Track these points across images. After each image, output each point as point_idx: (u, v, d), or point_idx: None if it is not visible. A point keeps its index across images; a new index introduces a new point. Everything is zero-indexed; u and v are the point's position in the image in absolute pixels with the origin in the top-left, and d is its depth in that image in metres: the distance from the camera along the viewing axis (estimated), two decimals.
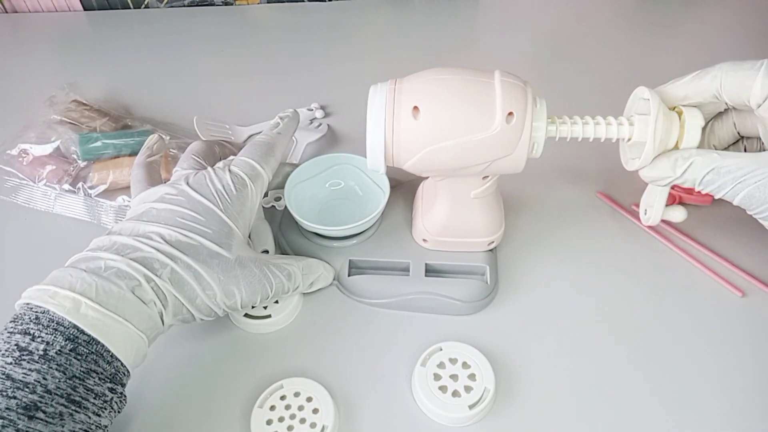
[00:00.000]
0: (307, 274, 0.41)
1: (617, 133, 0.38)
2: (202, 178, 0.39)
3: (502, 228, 0.44)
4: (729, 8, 0.75)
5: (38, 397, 0.29)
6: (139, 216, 0.37)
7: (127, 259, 0.34)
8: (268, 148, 0.42)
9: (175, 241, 0.36)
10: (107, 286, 0.33)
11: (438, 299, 0.43)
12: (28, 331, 0.31)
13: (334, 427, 0.37)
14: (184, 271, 0.35)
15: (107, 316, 0.32)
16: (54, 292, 0.32)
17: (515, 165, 0.37)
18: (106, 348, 0.32)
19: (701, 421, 0.39)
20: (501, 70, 0.36)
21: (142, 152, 0.45)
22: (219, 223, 0.37)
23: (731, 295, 0.45)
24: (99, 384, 0.32)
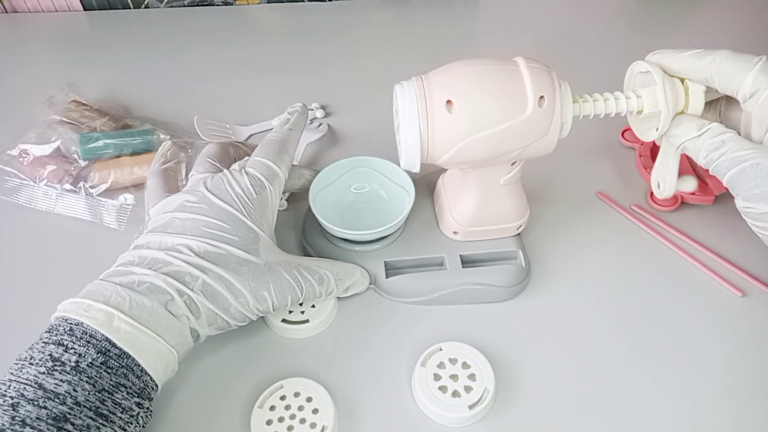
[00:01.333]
0: (342, 278, 0.41)
1: (636, 105, 0.39)
2: (220, 182, 0.38)
3: (528, 210, 0.45)
4: (729, 8, 0.75)
5: (68, 408, 0.29)
6: (163, 227, 0.37)
7: (159, 273, 0.34)
8: (281, 146, 0.41)
9: (204, 252, 0.35)
10: (140, 300, 0.33)
11: (478, 289, 0.43)
12: (61, 342, 0.31)
13: (334, 428, 0.37)
14: (216, 281, 0.35)
15: (139, 330, 0.32)
16: (88, 305, 0.32)
17: (547, 147, 0.38)
18: (136, 362, 0.32)
19: (701, 421, 0.39)
20: (524, 57, 0.37)
21: (156, 160, 0.45)
22: (245, 229, 0.37)
23: (731, 295, 0.45)
24: (127, 398, 0.32)
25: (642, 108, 0.39)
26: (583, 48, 0.69)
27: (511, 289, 0.44)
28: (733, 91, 0.37)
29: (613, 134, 0.57)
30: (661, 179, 0.44)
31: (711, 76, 0.38)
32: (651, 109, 0.39)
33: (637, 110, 0.40)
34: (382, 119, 0.34)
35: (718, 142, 0.37)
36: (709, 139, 0.38)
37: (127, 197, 0.51)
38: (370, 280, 0.43)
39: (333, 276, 0.40)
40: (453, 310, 0.44)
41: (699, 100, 0.39)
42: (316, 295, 0.39)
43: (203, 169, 0.41)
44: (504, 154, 0.37)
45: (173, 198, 0.39)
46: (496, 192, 0.42)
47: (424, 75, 0.38)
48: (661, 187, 0.45)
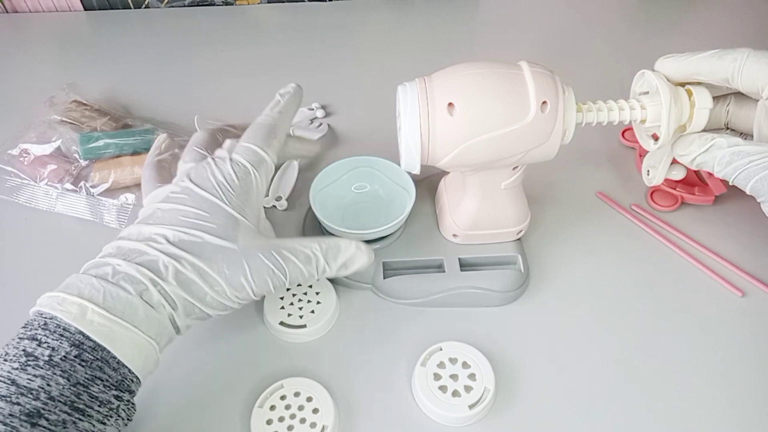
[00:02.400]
0: (333, 255, 0.37)
1: (640, 116, 0.39)
2: (203, 170, 0.38)
3: (529, 215, 0.45)
4: (729, 8, 0.75)
5: (41, 403, 0.29)
6: (146, 219, 0.37)
7: (133, 263, 0.33)
8: (270, 131, 0.40)
9: (178, 240, 0.35)
10: (115, 292, 0.32)
11: (476, 293, 0.43)
12: (35, 337, 0.31)
13: (334, 427, 0.37)
14: (189, 270, 0.34)
15: (113, 321, 0.32)
16: (62, 298, 0.32)
17: (548, 153, 0.38)
18: (111, 354, 0.32)
19: (701, 421, 0.39)
20: (527, 60, 0.37)
21: (151, 152, 0.45)
22: (224, 216, 0.36)
23: (731, 295, 0.45)
24: (104, 391, 0.31)
25: (645, 118, 0.39)
26: (583, 47, 0.69)
27: (508, 294, 0.44)
28: (758, 88, 0.37)
29: (614, 134, 0.58)
30: (651, 167, 0.44)
31: (732, 75, 0.38)
32: (653, 123, 0.39)
33: (641, 120, 0.40)
34: (382, 119, 0.34)
35: (728, 155, 0.37)
36: (720, 152, 0.38)
37: (127, 197, 0.51)
38: (371, 255, 0.39)
39: (321, 253, 0.37)
40: (453, 310, 0.44)
41: (702, 117, 0.39)
42: (305, 276, 0.37)
43: (189, 159, 0.41)
44: (505, 158, 0.37)
45: (162, 189, 0.38)
46: (497, 196, 0.42)
47: (427, 77, 0.38)
48: (651, 174, 0.45)
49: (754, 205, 0.39)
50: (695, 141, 0.39)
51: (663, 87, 0.38)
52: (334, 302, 0.43)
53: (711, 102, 0.39)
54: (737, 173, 0.37)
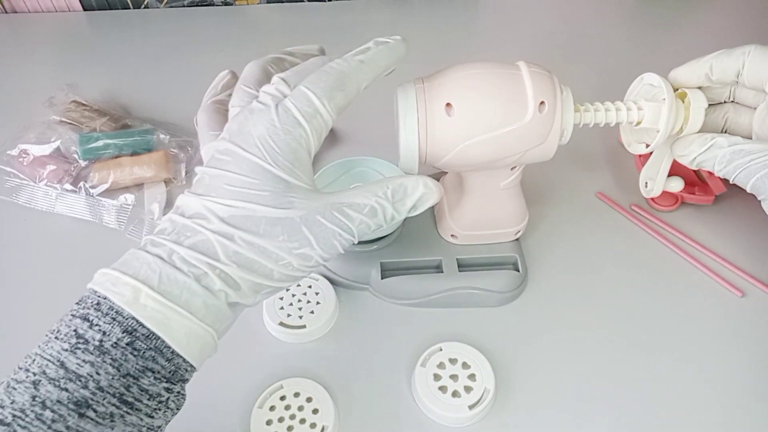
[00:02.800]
0: (400, 199, 0.33)
1: (637, 117, 0.39)
2: (243, 122, 0.32)
3: (527, 216, 0.45)
4: (729, 9, 0.75)
5: (90, 393, 0.27)
6: (197, 186, 0.32)
7: (184, 247, 0.30)
8: (338, 80, 0.32)
9: (229, 216, 0.30)
10: (172, 275, 0.29)
11: (474, 293, 0.43)
12: (87, 317, 0.28)
13: (333, 428, 0.37)
14: (247, 249, 0.30)
15: (169, 308, 0.29)
16: (116, 277, 0.29)
17: (546, 153, 0.38)
18: (166, 344, 0.29)
19: (701, 421, 0.39)
20: (526, 61, 0.37)
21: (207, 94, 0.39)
22: (272, 180, 0.31)
23: (731, 295, 0.45)
24: (154, 384, 0.29)
25: (641, 119, 0.39)
26: (582, 48, 0.69)
27: (506, 295, 0.44)
28: (762, 81, 0.38)
29: (613, 134, 0.57)
30: (649, 179, 0.45)
31: (739, 69, 0.38)
32: (650, 124, 0.39)
33: (637, 122, 0.39)
34: (382, 119, 0.33)
35: (729, 154, 0.37)
36: (720, 151, 0.38)
37: (127, 197, 0.51)
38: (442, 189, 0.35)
39: (387, 202, 0.33)
40: (453, 311, 0.44)
41: (698, 117, 0.39)
42: (372, 229, 0.33)
43: (237, 102, 0.35)
44: (503, 158, 0.37)
45: (210, 145, 0.34)
46: (496, 197, 0.42)
47: (425, 77, 0.38)
48: (649, 186, 0.45)
49: (754, 205, 0.39)
50: (695, 141, 0.39)
51: (667, 87, 0.38)
52: (333, 302, 0.43)
53: (706, 101, 0.39)
54: (738, 171, 0.37)
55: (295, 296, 0.43)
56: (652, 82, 0.40)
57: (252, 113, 0.32)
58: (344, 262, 0.45)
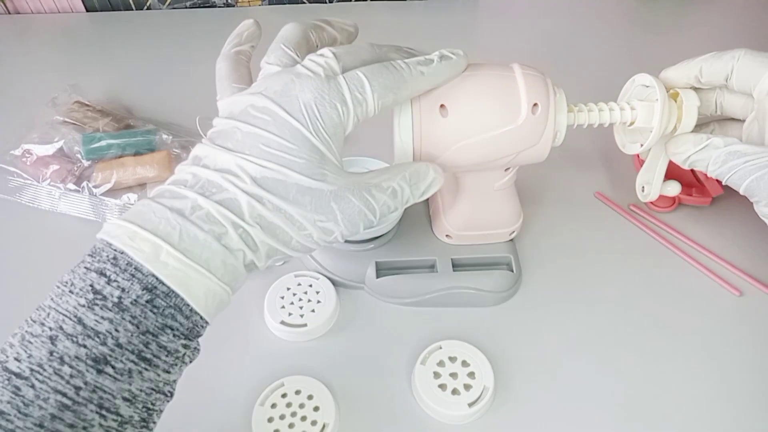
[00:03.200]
0: (416, 182, 0.34)
1: (630, 117, 0.39)
2: (290, 85, 0.31)
3: (521, 216, 0.45)
4: (728, 9, 0.75)
5: (108, 350, 0.27)
6: (224, 138, 0.31)
7: (211, 201, 0.29)
8: (397, 82, 0.33)
9: (261, 177, 0.30)
10: (192, 232, 0.28)
11: (467, 293, 0.44)
12: (104, 272, 0.28)
13: (334, 425, 0.38)
14: (274, 214, 0.30)
15: (189, 266, 0.28)
16: (134, 232, 0.28)
17: (540, 154, 0.38)
18: (185, 302, 0.28)
19: (699, 420, 0.39)
20: (519, 63, 0.37)
21: (229, 41, 0.38)
22: (310, 149, 0.31)
23: (728, 294, 0.45)
24: (173, 341, 0.29)
25: (635, 120, 0.39)
26: (581, 49, 0.70)
27: (500, 295, 0.44)
28: (750, 86, 0.38)
29: (611, 134, 0.58)
30: (645, 183, 0.45)
31: (729, 73, 0.38)
32: (643, 123, 0.39)
33: (630, 122, 0.40)
34: (377, 120, 0.34)
35: (724, 155, 0.37)
36: (715, 151, 0.38)
37: (130, 197, 0.51)
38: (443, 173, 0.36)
39: (408, 184, 0.34)
40: (453, 310, 0.45)
41: (692, 115, 0.39)
42: (390, 211, 0.34)
43: (275, 59, 0.34)
44: (496, 159, 0.37)
45: (240, 98, 0.32)
46: (490, 197, 0.42)
47: None
48: (646, 190, 0.45)
49: (751, 206, 0.39)
50: (690, 139, 0.39)
51: (659, 86, 0.38)
52: (334, 301, 0.43)
53: (698, 100, 0.39)
54: (732, 173, 0.37)
55: (296, 295, 0.44)
56: (645, 82, 0.40)
57: (299, 78, 0.31)
58: (340, 261, 0.45)
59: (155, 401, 0.29)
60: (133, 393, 0.28)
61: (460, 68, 0.35)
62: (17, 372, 0.26)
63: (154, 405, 0.29)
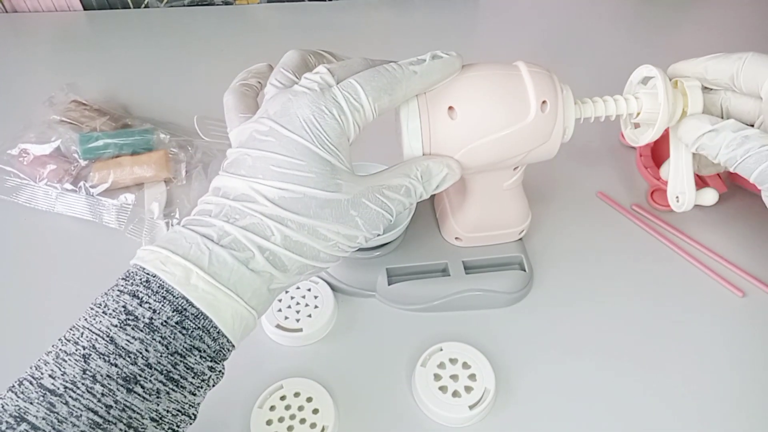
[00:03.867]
0: (428, 179, 0.35)
1: (636, 106, 0.39)
2: (287, 104, 0.32)
3: (530, 215, 0.45)
4: (729, 8, 0.75)
5: (138, 369, 0.27)
6: (236, 167, 0.32)
7: (236, 227, 0.30)
8: (389, 84, 0.33)
9: (279, 198, 0.31)
10: (222, 256, 0.29)
11: (481, 295, 0.43)
12: (136, 294, 0.28)
13: (334, 428, 0.37)
14: (298, 232, 0.31)
15: (218, 289, 0.29)
16: (166, 257, 0.29)
17: (549, 152, 0.38)
18: (213, 324, 0.29)
19: (702, 421, 0.39)
20: (525, 61, 0.37)
21: (238, 77, 0.39)
22: (319, 162, 0.31)
23: (731, 295, 0.45)
24: (200, 362, 0.29)
25: (640, 109, 0.39)
26: (583, 47, 0.69)
27: (514, 295, 0.44)
28: (757, 86, 0.37)
29: (614, 134, 0.58)
30: (679, 192, 0.43)
31: (736, 73, 0.38)
32: (650, 112, 0.39)
33: (636, 112, 0.39)
34: (383, 123, 0.33)
35: (740, 138, 0.36)
36: (730, 134, 0.37)
37: (127, 197, 0.51)
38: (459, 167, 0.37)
39: (419, 181, 0.35)
40: (453, 310, 0.44)
41: (697, 95, 0.39)
42: (405, 208, 0.35)
43: (275, 82, 0.35)
44: (506, 159, 0.37)
45: (245, 126, 0.33)
46: (499, 197, 0.42)
47: None
48: (680, 200, 0.43)
49: (755, 205, 0.39)
50: (705, 118, 0.38)
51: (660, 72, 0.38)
52: (331, 306, 0.43)
53: (698, 82, 0.39)
54: (746, 156, 0.36)
55: (294, 299, 0.43)
56: (644, 73, 0.40)
57: (296, 96, 0.32)
58: (349, 270, 0.45)
59: (180, 423, 0.29)
60: (161, 413, 0.28)
61: (454, 67, 0.36)
62: (51, 389, 0.26)
63: (179, 427, 0.30)
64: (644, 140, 0.41)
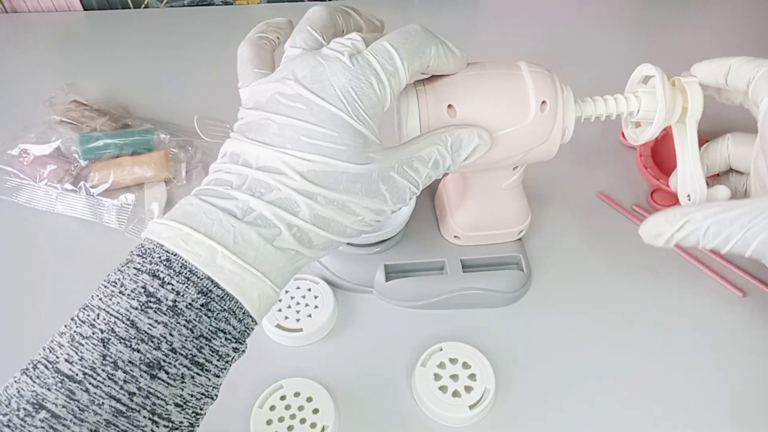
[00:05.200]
0: (457, 150, 0.34)
1: (636, 105, 0.39)
2: (319, 68, 0.30)
3: (529, 215, 0.45)
4: (729, 8, 0.75)
5: (162, 354, 0.26)
6: (257, 131, 0.30)
7: (263, 202, 0.28)
8: (420, 46, 0.32)
9: (309, 172, 0.29)
10: (247, 235, 0.28)
11: (478, 294, 0.43)
12: (157, 274, 0.27)
13: (334, 428, 0.37)
14: (326, 207, 0.29)
15: (245, 270, 0.28)
16: (186, 234, 0.27)
17: (549, 152, 0.38)
18: (239, 305, 0.28)
19: (701, 421, 0.39)
20: (526, 61, 0.37)
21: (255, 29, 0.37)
22: (352, 134, 0.30)
23: (732, 295, 0.45)
24: (225, 345, 0.28)
25: (640, 106, 0.39)
26: (583, 48, 0.69)
27: (511, 295, 0.44)
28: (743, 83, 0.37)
29: (614, 134, 0.57)
30: (690, 191, 0.41)
31: (750, 80, 0.37)
32: (649, 109, 0.39)
33: (637, 110, 0.39)
34: (383, 122, 0.33)
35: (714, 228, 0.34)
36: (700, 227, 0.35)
37: (127, 197, 0.51)
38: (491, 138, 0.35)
39: (449, 152, 0.33)
40: (453, 311, 0.44)
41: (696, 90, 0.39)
42: (431, 180, 0.33)
43: (301, 42, 0.32)
44: (506, 158, 0.37)
45: (265, 86, 0.31)
46: (498, 197, 0.42)
47: (426, 79, 0.38)
48: (692, 198, 0.41)
49: None
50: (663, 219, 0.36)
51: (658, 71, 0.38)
52: (331, 306, 0.43)
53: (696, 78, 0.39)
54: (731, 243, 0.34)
55: (294, 299, 0.43)
56: (644, 71, 0.40)
57: (327, 60, 0.30)
58: (348, 266, 0.45)
59: (203, 405, 0.28)
60: (185, 398, 0.27)
61: (463, 64, 0.35)
62: (70, 374, 0.25)
63: (202, 409, 0.28)
64: (643, 138, 0.41)
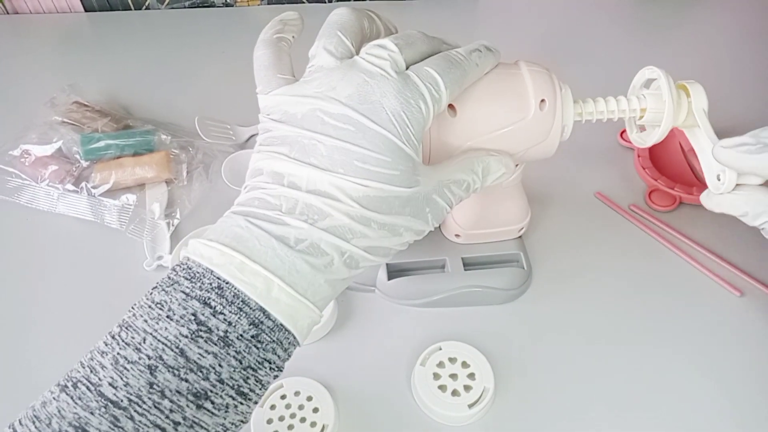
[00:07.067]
0: (486, 176, 0.34)
1: (639, 105, 0.39)
2: (365, 88, 0.29)
3: (529, 212, 0.45)
4: (729, 9, 0.75)
5: (210, 385, 0.25)
6: (302, 153, 0.29)
7: (317, 229, 0.27)
8: (462, 76, 0.32)
9: (363, 197, 0.28)
10: (300, 266, 0.27)
11: (480, 292, 0.44)
12: (208, 302, 0.26)
13: (334, 427, 0.38)
14: (378, 232, 0.29)
15: (299, 301, 0.27)
16: (241, 263, 0.26)
17: (548, 150, 0.38)
18: (288, 336, 0.27)
19: (699, 421, 0.39)
20: (525, 60, 0.37)
21: (269, 27, 0.36)
22: (404, 159, 0.29)
23: (729, 294, 0.45)
24: (268, 374, 0.28)
25: (645, 107, 0.39)
26: (582, 48, 0.69)
27: (512, 292, 0.44)
28: None
29: (612, 135, 0.58)
30: (720, 170, 0.38)
31: None
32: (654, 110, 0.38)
33: (641, 109, 0.39)
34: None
35: None
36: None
37: (128, 197, 0.51)
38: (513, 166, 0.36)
39: (480, 178, 0.33)
40: (453, 310, 0.44)
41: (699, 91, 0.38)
42: (460, 201, 0.33)
43: (332, 48, 0.31)
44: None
45: (296, 98, 0.30)
46: (498, 194, 0.43)
47: None
48: (722, 178, 0.38)
49: None
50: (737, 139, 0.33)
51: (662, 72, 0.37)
52: (331, 305, 0.43)
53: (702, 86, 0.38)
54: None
55: None
56: (647, 75, 0.39)
57: (373, 78, 0.29)
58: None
59: (238, 430, 0.28)
60: (226, 426, 0.27)
61: (496, 62, 0.35)
62: (114, 400, 0.24)
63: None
64: (651, 141, 0.40)
